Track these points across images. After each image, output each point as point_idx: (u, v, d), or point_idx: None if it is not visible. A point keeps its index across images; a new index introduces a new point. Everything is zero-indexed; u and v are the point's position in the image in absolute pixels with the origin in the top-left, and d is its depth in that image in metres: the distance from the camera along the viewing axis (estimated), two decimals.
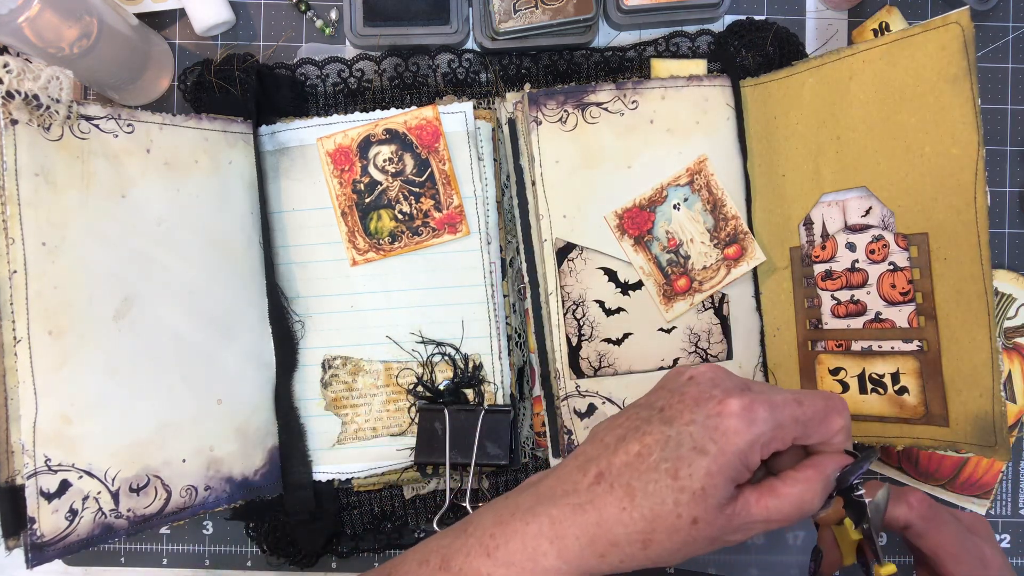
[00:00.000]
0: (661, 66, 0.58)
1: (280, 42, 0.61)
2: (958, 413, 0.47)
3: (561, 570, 0.37)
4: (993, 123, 0.61)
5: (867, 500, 0.39)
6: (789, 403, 0.37)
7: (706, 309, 0.57)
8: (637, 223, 0.56)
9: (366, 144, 0.56)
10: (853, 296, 0.52)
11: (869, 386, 0.52)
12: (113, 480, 0.47)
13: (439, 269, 0.57)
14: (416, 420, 0.56)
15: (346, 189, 0.56)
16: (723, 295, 0.57)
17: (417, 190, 0.56)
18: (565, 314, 0.56)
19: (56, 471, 0.45)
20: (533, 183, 0.56)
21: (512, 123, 0.57)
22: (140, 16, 0.58)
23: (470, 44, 0.60)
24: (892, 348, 0.51)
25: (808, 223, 0.54)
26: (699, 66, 0.57)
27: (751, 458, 0.36)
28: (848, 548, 0.44)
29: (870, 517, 0.39)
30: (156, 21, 0.60)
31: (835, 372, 0.53)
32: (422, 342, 0.57)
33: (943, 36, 0.46)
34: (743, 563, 0.60)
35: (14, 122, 0.44)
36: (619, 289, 0.56)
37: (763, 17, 0.61)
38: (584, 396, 0.55)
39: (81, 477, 0.45)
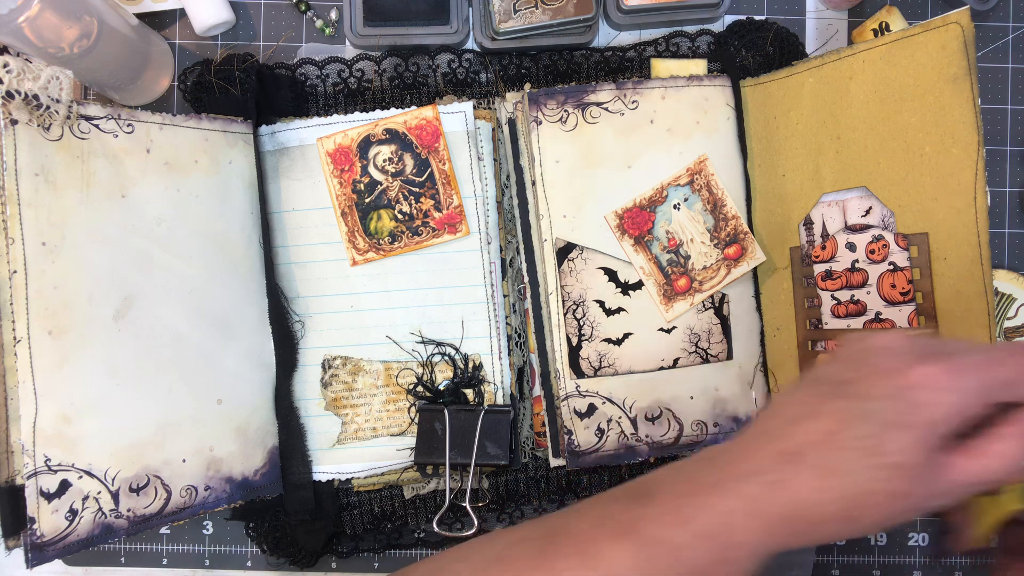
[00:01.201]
0: (661, 66, 0.58)
1: (280, 42, 0.61)
2: None
3: (754, 545, 0.36)
4: (993, 123, 0.61)
5: None
6: (990, 365, 0.34)
7: (706, 309, 0.57)
8: (637, 223, 0.56)
9: (366, 144, 0.56)
10: (853, 296, 0.52)
11: None
12: (113, 480, 0.47)
13: (439, 269, 0.57)
14: (416, 420, 0.56)
15: (346, 189, 0.56)
16: (723, 295, 0.57)
17: (417, 190, 0.56)
18: (565, 314, 0.56)
19: (56, 471, 0.45)
20: (533, 183, 0.56)
21: (512, 123, 0.57)
22: (140, 16, 0.58)
23: (470, 44, 0.60)
24: None
25: (808, 223, 0.54)
26: (699, 66, 0.57)
27: (951, 427, 0.34)
28: (990, 525, 0.39)
29: None
30: (156, 21, 0.60)
31: None
32: (422, 342, 0.57)
33: (943, 36, 0.46)
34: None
35: (14, 122, 0.44)
36: (619, 289, 0.56)
37: (763, 17, 0.61)
38: (584, 396, 0.55)
39: (81, 477, 0.45)
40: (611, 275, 0.56)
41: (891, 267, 0.50)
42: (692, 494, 0.37)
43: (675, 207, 0.56)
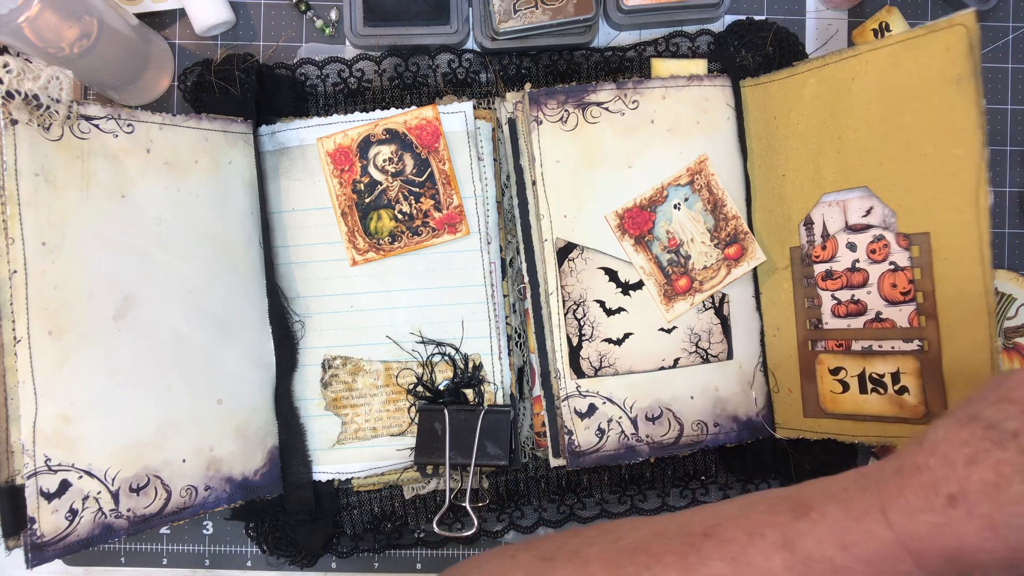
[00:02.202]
0: (661, 66, 0.58)
1: (280, 42, 0.61)
2: None
3: (915, 575, 0.36)
4: (993, 123, 0.61)
5: None
6: None
7: (706, 309, 0.57)
8: (638, 223, 0.56)
9: (366, 144, 0.56)
10: (853, 296, 0.52)
11: (869, 386, 0.52)
12: (113, 480, 0.47)
13: (439, 269, 0.57)
14: (416, 420, 0.56)
15: (346, 189, 0.56)
16: (723, 295, 0.57)
17: (417, 190, 0.56)
18: (565, 314, 0.56)
19: (56, 471, 0.45)
20: (533, 183, 0.56)
21: (512, 123, 0.57)
22: (140, 16, 0.58)
23: (470, 44, 0.60)
24: (892, 348, 0.51)
25: (808, 223, 0.54)
26: (699, 66, 0.57)
27: None
28: None
29: None
30: (156, 21, 0.60)
31: (835, 372, 0.53)
32: (422, 342, 0.57)
33: (948, 38, 0.46)
34: None
35: (14, 122, 0.44)
36: (620, 289, 0.56)
37: (763, 17, 0.61)
38: (584, 396, 0.55)
39: (81, 477, 0.45)
40: (611, 275, 0.56)
41: (892, 267, 0.50)
42: (854, 518, 0.37)
43: (675, 207, 0.56)
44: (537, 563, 0.41)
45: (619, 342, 0.56)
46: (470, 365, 0.56)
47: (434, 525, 0.55)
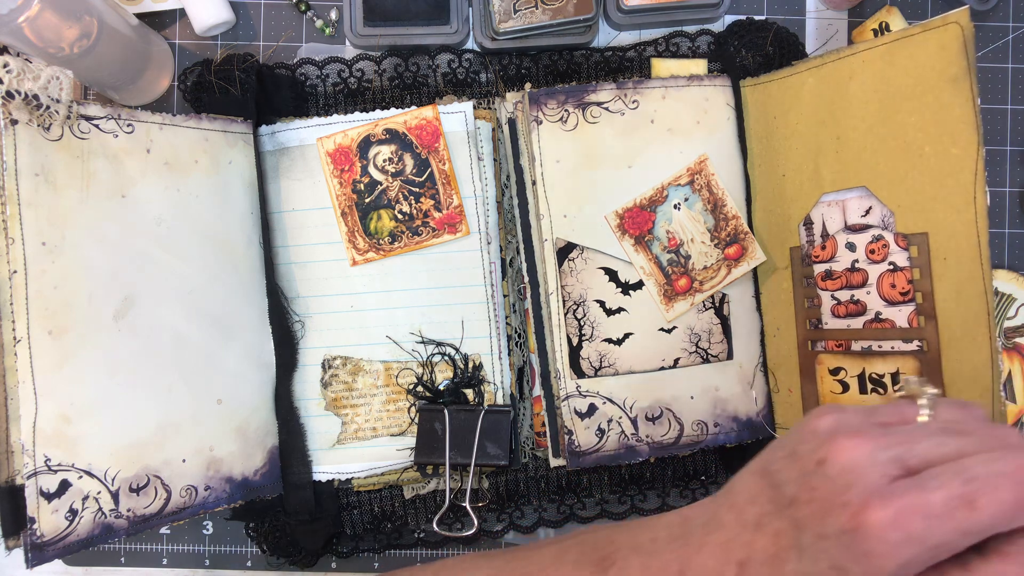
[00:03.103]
0: (661, 66, 0.58)
1: (280, 42, 0.61)
2: None
3: None
4: (993, 123, 0.61)
5: None
6: (952, 510, 0.28)
7: (706, 309, 0.57)
8: (638, 223, 0.56)
9: (366, 144, 0.56)
10: (853, 296, 0.52)
11: (869, 386, 0.52)
12: (113, 480, 0.47)
13: (439, 269, 0.57)
14: (416, 420, 0.56)
15: (346, 189, 0.56)
16: (723, 295, 0.57)
17: (417, 190, 0.56)
18: (566, 314, 0.56)
19: (56, 471, 0.45)
20: (533, 183, 0.56)
21: (512, 123, 0.57)
22: (140, 16, 0.58)
23: (470, 44, 0.60)
24: (892, 348, 0.51)
25: (808, 223, 0.54)
26: (699, 66, 0.57)
27: (914, 572, 0.29)
28: None
29: None
30: (156, 21, 0.60)
31: (835, 372, 0.53)
32: (422, 342, 0.57)
33: (943, 36, 0.46)
34: None
35: (14, 122, 0.44)
36: (620, 289, 0.56)
37: (763, 17, 0.61)
38: (584, 396, 0.55)
39: (81, 477, 0.45)
40: (611, 275, 0.56)
41: (891, 267, 0.50)
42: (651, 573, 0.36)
43: (675, 207, 0.56)
44: None
45: (619, 342, 0.56)
46: (470, 365, 0.56)
47: (434, 525, 0.55)
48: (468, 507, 0.54)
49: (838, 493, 0.30)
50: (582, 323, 0.56)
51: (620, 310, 0.56)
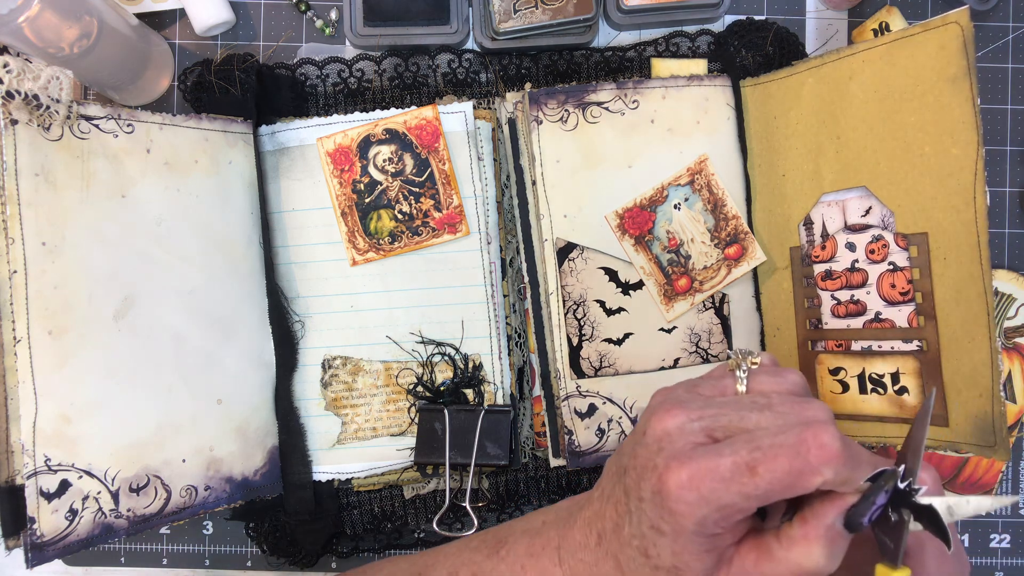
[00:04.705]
0: (661, 66, 0.58)
1: (280, 42, 0.61)
2: (958, 413, 0.47)
3: None
4: (993, 123, 0.61)
5: (930, 502, 0.30)
6: (737, 475, 0.30)
7: (706, 309, 0.57)
8: (638, 223, 0.56)
9: (366, 144, 0.56)
10: (853, 296, 0.52)
11: (869, 386, 0.52)
12: (113, 480, 0.47)
13: (439, 269, 0.57)
14: (416, 420, 0.56)
15: (346, 189, 0.56)
16: (723, 295, 0.57)
17: (417, 190, 0.56)
18: (566, 314, 0.56)
19: (56, 471, 0.45)
20: (534, 183, 0.56)
21: (512, 123, 0.57)
22: (140, 16, 0.58)
23: (470, 44, 0.60)
24: (892, 348, 0.51)
25: (808, 223, 0.54)
26: (699, 66, 0.57)
27: (714, 530, 0.31)
28: None
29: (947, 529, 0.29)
30: (156, 21, 0.60)
31: (835, 372, 0.53)
32: (422, 342, 0.57)
33: (943, 36, 0.46)
34: None
35: (14, 122, 0.44)
36: (620, 289, 0.56)
37: (763, 17, 0.61)
38: (585, 396, 0.55)
39: (81, 477, 0.45)
40: (612, 275, 0.56)
41: (891, 267, 0.50)
42: (534, 555, 0.38)
43: (675, 207, 0.56)
44: None
45: (619, 342, 0.56)
46: (470, 365, 0.56)
47: (434, 525, 0.55)
48: (468, 507, 0.54)
49: (650, 457, 0.33)
50: (582, 323, 0.56)
51: (620, 310, 0.56)
